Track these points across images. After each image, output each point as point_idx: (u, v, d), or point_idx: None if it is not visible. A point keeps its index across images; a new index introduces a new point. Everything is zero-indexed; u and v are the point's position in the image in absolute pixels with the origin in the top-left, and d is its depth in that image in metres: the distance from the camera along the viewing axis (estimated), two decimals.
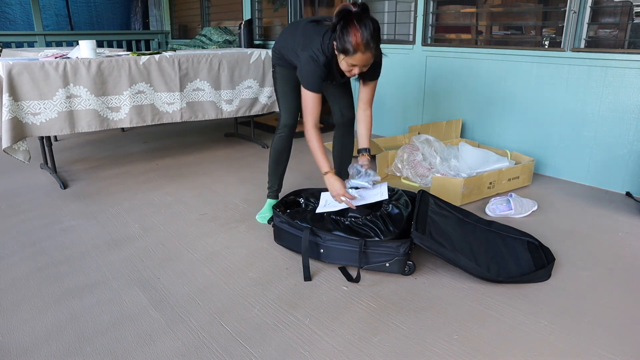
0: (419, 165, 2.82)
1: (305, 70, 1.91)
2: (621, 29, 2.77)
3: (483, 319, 1.55)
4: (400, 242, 1.74)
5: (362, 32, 1.72)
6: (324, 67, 1.88)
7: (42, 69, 2.59)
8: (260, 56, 3.43)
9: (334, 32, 1.78)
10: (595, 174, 2.81)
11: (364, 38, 1.72)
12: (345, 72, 1.87)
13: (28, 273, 1.85)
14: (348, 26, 1.73)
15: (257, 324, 1.53)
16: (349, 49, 1.75)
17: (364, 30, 1.72)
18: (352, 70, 1.84)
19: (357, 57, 1.77)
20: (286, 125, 2.19)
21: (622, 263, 1.92)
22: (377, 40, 1.79)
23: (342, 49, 1.77)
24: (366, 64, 1.83)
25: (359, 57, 1.77)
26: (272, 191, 2.33)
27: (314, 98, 1.93)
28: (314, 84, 1.91)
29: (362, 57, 1.77)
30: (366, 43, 1.73)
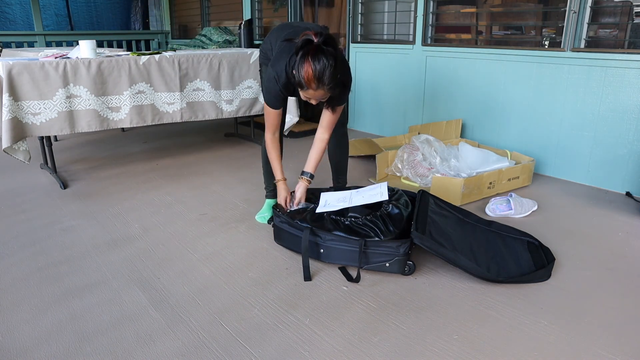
0: (419, 165, 2.81)
1: (266, 87, 1.96)
2: (621, 29, 2.77)
3: (483, 319, 1.55)
4: (400, 242, 1.74)
5: (315, 68, 1.64)
6: (283, 87, 1.89)
7: (42, 69, 2.58)
8: None
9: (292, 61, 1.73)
10: (595, 174, 2.81)
11: (315, 75, 1.65)
12: (305, 99, 1.83)
13: (28, 273, 1.85)
14: (304, 59, 1.66)
15: (257, 324, 1.53)
16: (302, 83, 1.69)
17: (317, 66, 1.64)
18: (310, 100, 1.81)
19: (310, 93, 1.73)
20: None
21: (622, 263, 1.92)
22: (333, 77, 1.68)
23: (296, 81, 1.72)
24: (320, 98, 1.79)
25: (311, 92, 1.72)
26: (269, 191, 2.34)
27: (273, 113, 2.01)
28: (272, 101, 1.97)
29: (314, 93, 1.72)
30: (317, 80, 1.66)
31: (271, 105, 1.98)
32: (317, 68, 1.64)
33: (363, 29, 4.17)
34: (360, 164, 3.23)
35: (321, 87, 1.69)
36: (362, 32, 4.17)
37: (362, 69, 4.15)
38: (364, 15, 4.12)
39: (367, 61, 4.10)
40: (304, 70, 1.66)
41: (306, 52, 1.66)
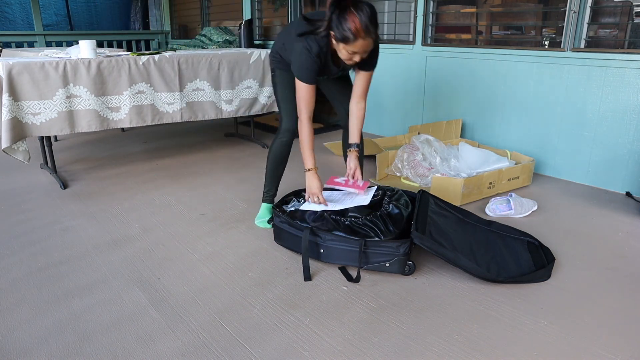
0: (419, 165, 2.81)
1: (299, 61, 1.88)
2: (621, 29, 2.77)
3: (483, 319, 1.55)
4: (400, 242, 1.74)
5: (360, 17, 1.68)
6: (317, 57, 1.86)
7: (42, 69, 2.59)
8: (260, 56, 3.43)
9: (330, 22, 1.74)
10: (595, 174, 2.81)
11: (363, 23, 1.69)
12: (346, 60, 1.84)
13: (28, 273, 1.85)
14: (345, 13, 1.70)
15: (257, 324, 1.53)
16: (349, 37, 1.71)
17: (362, 15, 1.68)
18: (353, 57, 1.81)
19: (358, 44, 1.74)
20: (288, 130, 2.15)
21: (622, 263, 1.92)
22: (376, 25, 1.74)
23: (341, 37, 1.73)
24: (367, 50, 1.80)
25: (359, 43, 1.73)
26: (269, 195, 2.30)
27: (308, 89, 1.91)
28: (307, 75, 1.89)
29: (363, 43, 1.74)
30: (365, 28, 1.70)
31: (306, 79, 1.89)
32: (362, 16, 1.68)
33: None
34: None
35: (369, 36, 1.72)
36: None
37: None
38: None
39: None
40: (350, 21, 1.69)
41: (345, 7, 1.70)
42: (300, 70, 1.90)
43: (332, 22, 1.74)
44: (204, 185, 2.87)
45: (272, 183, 2.28)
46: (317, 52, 1.85)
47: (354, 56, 1.80)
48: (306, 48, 1.85)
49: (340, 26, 1.71)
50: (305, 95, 1.92)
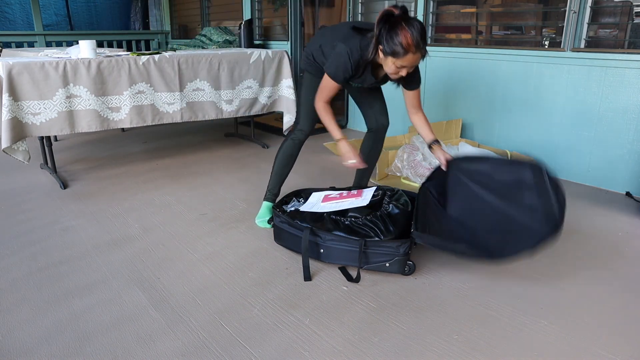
0: (419, 165, 2.81)
1: (337, 60, 1.89)
2: (621, 29, 2.77)
3: (483, 319, 1.55)
4: (400, 242, 1.74)
5: (412, 32, 1.71)
6: (355, 64, 1.87)
7: (42, 69, 2.58)
8: (260, 56, 3.43)
9: (379, 36, 1.77)
10: (595, 174, 2.81)
11: (414, 38, 1.71)
12: (392, 74, 1.85)
13: (28, 273, 1.85)
14: (396, 28, 1.72)
15: (257, 324, 1.53)
16: (399, 51, 1.73)
17: (413, 30, 1.71)
18: (400, 71, 1.82)
19: (408, 58, 1.76)
20: (302, 130, 2.19)
21: (622, 263, 1.92)
22: (425, 40, 1.77)
23: (391, 51, 1.75)
24: (415, 64, 1.82)
25: (409, 58, 1.75)
26: (272, 194, 2.30)
27: (333, 86, 1.94)
28: (339, 75, 1.90)
29: (413, 57, 1.76)
30: (417, 43, 1.72)
31: (335, 78, 1.91)
32: (413, 31, 1.71)
33: None
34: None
35: (419, 51, 1.75)
36: None
37: None
38: (364, 15, 4.12)
39: None
40: (402, 36, 1.71)
41: (397, 22, 1.73)
42: (334, 69, 1.91)
43: (381, 36, 1.76)
44: (204, 185, 2.87)
45: (277, 182, 2.28)
46: (357, 59, 1.87)
47: (402, 70, 1.81)
48: (348, 52, 1.86)
49: (390, 40, 1.73)
50: (328, 89, 1.96)
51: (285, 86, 3.58)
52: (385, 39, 1.75)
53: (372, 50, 1.83)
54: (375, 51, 1.83)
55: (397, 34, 1.72)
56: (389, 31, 1.74)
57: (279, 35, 5.04)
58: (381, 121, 2.26)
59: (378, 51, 1.82)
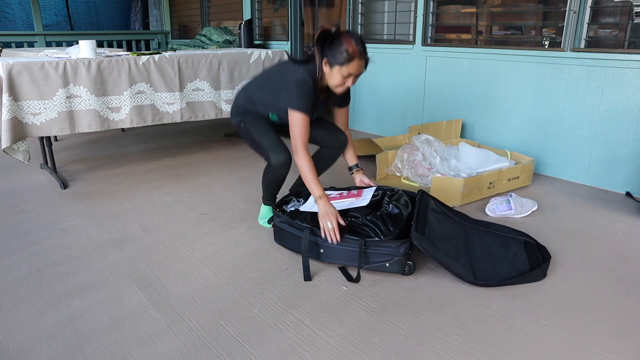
0: (419, 165, 2.81)
1: (296, 93, 1.88)
2: (621, 29, 2.77)
3: (483, 319, 1.55)
4: (400, 242, 1.74)
5: (355, 40, 1.81)
6: (312, 87, 1.90)
7: (42, 69, 2.59)
8: (260, 56, 3.43)
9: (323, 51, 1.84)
10: (595, 174, 2.81)
11: (358, 44, 1.81)
12: (338, 86, 1.90)
13: (28, 273, 1.85)
14: (339, 38, 1.81)
15: (257, 324, 1.53)
16: (346, 58, 1.81)
17: (354, 38, 1.81)
18: (347, 81, 1.89)
19: (354, 65, 1.83)
20: (281, 165, 2.02)
21: (622, 263, 1.92)
22: (366, 50, 1.86)
23: (337, 60, 1.82)
24: (360, 72, 1.89)
25: (355, 64, 1.83)
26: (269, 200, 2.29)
27: (305, 120, 1.90)
28: (304, 105, 1.88)
29: (358, 64, 1.83)
30: (361, 50, 1.82)
31: (304, 109, 1.88)
32: (355, 39, 1.82)
33: (363, 29, 4.17)
34: (360, 163, 3.22)
35: (363, 57, 1.84)
36: (362, 32, 4.17)
37: None
38: (364, 15, 4.12)
39: None
40: (346, 43, 1.80)
41: (338, 34, 1.82)
42: (299, 101, 1.88)
43: (325, 50, 1.84)
44: (204, 185, 2.87)
45: (271, 195, 2.26)
46: (312, 83, 1.91)
47: (348, 80, 1.88)
48: (301, 81, 1.89)
49: (336, 50, 1.81)
50: (302, 126, 1.90)
51: None
52: (331, 50, 1.83)
53: (319, 70, 1.89)
54: (320, 69, 1.89)
55: (342, 42, 1.80)
56: (333, 43, 1.82)
57: (279, 35, 5.04)
58: (342, 139, 2.24)
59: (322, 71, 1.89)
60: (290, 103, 1.90)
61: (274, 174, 2.09)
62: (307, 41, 5.25)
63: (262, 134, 2.08)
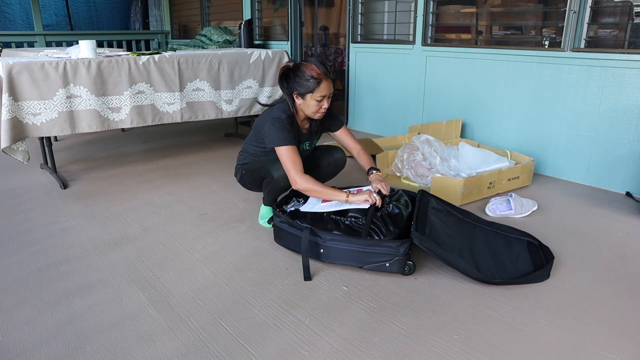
0: (419, 165, 2.81)
1: (273, 129, 1.95)
2: (621, 29, 2.77)
3: (483, 319, 1.55)
4: (400, 242, 1.74)
5: (314, 64, 1.92)
6: (287, 120, 1.97)
7: (42, 69, 2.58)
8: (260, 56, 3.43)
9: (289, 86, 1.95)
10: (595, 174, 2.81)
11: (319, 67, 1.91)
12: (315, 114, 1.98)
13: (28, 273, 1.85)
14: (300, 68, 1.92)
15: (257, 324, 1.53)
16: (313, 83, 1.90)
17: (313, 61, 1.92)
18: (321, 106, 1.95)
19: (323, 87, 1.91)
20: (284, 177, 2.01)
21: (622, 263, 1.92)
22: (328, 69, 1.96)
23: (306, 89, 1.91)
24: (331, 92, 1.96)
25: (324, 86, 1.91)
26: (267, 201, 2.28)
27: (291, 150, 1.93)
28: (285, 137, 1.93)
29: (326, 84, 1.92)
30: (324, 71, 1.92)
31: (285, 141, 1.92)
32: (315, 64, 1.92)
33: (363, 29, 4.17)
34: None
35: (328, 77, 1.93)
36: (362, 32, 4.17)
37: (362, 69, 4.15)
38: (364, 15, 4.12)
39: (367, 61, 4.10)
40: (308, 69, 1.91)
41: (296, 66, 1.94)
42: (277, 136, 1.93)
43: (291, 86, 1.95)
44: (204, 185, 2.87)
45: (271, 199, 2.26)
46: (285, 118, 1.98)
47: (323, 103, 1.95)
48: (275, 118, 1.97)
49: (301, 79, 1.91)
50: (291, 156, 1.92)
51: None
52: (296, 82, 1.93)
53: (291, 104, 1.99)
54: (293, 103, 1.99)
55: (303, 72, 1.91)
56: (295, 75, 1.93)
57: (279, 35, 5.04)
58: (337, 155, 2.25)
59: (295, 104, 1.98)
60: (272, 141, 1.97)
61: (275, 185, 2.09)
62: (307, 41, 5.26)
63: (261, 163, 2.13)
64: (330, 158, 2.25)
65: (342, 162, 2.28)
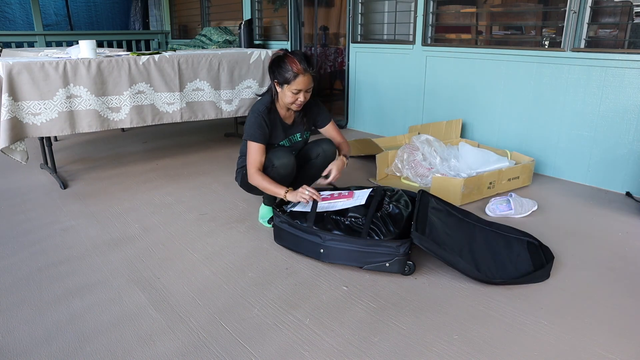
0: (419, 165, 2.81)
1: (248, 122, 2.08)
2: (621, 29, 2.77)
3: (483, 319, 1.55)
4: (400, 242, 1.74)
5: (297, 58, 1.98)
6: (264, 114, 2.06)
7: (42, 69, 2.58)
8: (260, 56, 3.43)
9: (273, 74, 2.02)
10: (595, 174, 2.81)
11: (300, 62, 1.97)
12: (292, 104, 2.04)
13: (28, 273, 1.85)
14: (283, 59, 1.99)
15: (257, 324, 1.53)
16: (290, 76, 1.96)
17: (297, 57, 1.98)
18: (298, 98, 2.01)
19: (299, 81, 1.97)
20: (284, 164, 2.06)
21: (622, 263, 1.92)
22: (311, 64, 2.01)
23: (284, 79, 1.99)
24: (309, 87, 2.02)
25: (301, 80, 1.97)
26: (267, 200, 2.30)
27: (258, 148, 2.05)
28: (256, 133, 2.04)
29: (304, 79, 1.98)
30: (304, 67, 1.97)
31: (255, 138, 2.04)
32: (298, 55, 1.99)
33: (363, 29, 4.17)
34: (360, 164, 3.23)
35: (309, 72, 1.98)
36: (362, 32, 4.17)
37: (362, 69, 4.15)
38: (364, 15, 4.12)
39: (367, 61, 4.10)
40: (289, 62, 1.97)
41: (282, 56, 2.00)
42: (249, 130, 2.06)
43: (274, 72, 2.02)
44: (204, 185, 2.87)
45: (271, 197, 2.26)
46: (264, 110, 2.07)
47: (299, 96, 2.02)
48: (254, 111, 2.08)
49: (282, 70, 1.98)
50: (254, 153, 2.05)
51: None
52: (278, 72, 2.00)
53: (274, 92, 2.09)
54: (275, 93, 2.06)
55: (285, 63, 1.98)
56: (278, 66, 2.00)
57: (279, 35, 5.04)
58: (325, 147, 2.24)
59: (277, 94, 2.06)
60: (246, 133, 2.08)
61: (276, 172, 2.08)
62: (307, 41, 5.26)
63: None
64: (319, 149, 2.25)
65: (332, 152, 2.25)
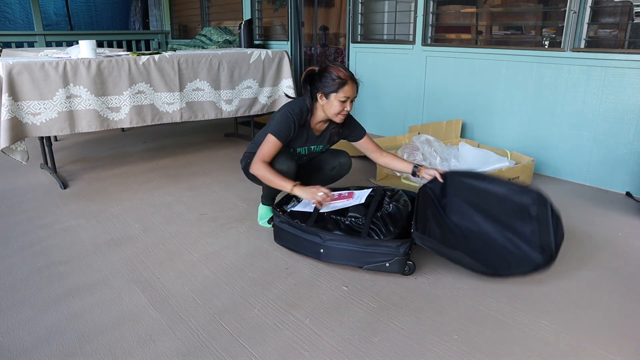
0: None
1: (279, 117, 2.00)
2: (621, 29, 2.77)
3: (483, 319, 1.55)
4: (400, 242, 1.74)
5: (341, 67, 1.96)
6: (296, 118, 1.99)
7: (42, 69, 2.58)
8: (260, 56, 3.43)
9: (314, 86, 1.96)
10: (596, 174, 2.81)
11: (347, 71, 1.96)
12: (339, 113, 1.98)
13: (28, 273, 1.85)
14: (328, 69, 1.95)
15: (257, 324, 1.53)
16: (339, 84, 1.92)
17: (341, 66, 1.96)
18: (345, 106, 1.96)
19: (347, 89, 1.93)
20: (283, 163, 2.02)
21: (622, 263, 1.92)
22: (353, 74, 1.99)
23: (331, 88, 1.93)
24: (355, 96, 1.99)
25: (348, 87, 1.94)
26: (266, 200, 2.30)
27: (274, 144, 1.98)
28: (281, 130, 1.97)
29: (351, 86, 1.95)
30: (350, 74, 1.97)
31: (278, 134, 1.96)
32: (342, 67, 1.96)
33: (363, 29, 4.17)
34: (360, 164, 3.23)
35: (354, 81, 1.97)
36: (362, 32, 4.17)
37: (362, 69, 4.15)
38: (364, 15, 4.12)
39: (367, 61, 4.10)
40: (335, 71, 1.94)
41: (324, 68, 1.96)
42: (276, 125, 1.98)
43: (315, 86, 1.96)
44: (204, 185, 2.87)
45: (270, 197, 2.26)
46: (298, 113, 2.00)
47: (346, 104, 1.97)
48: (288, 109, 2.00)
49: (328, 79, 1.93)
50: (270, 147, 1.97)
51: (285, 86, 3.58)
52: (322, 83, 1.95)
53: (310, 106, 2.01)
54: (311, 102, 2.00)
55: (330, 72, 1.94)
56: (322, 76, 1.95)
57: (279, 35, 5.04)
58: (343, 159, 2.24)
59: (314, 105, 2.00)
60: (271, 125, 2.02)
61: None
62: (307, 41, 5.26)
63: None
64: (336, 161, 2.24)
65: (347, 166, 2.27)
